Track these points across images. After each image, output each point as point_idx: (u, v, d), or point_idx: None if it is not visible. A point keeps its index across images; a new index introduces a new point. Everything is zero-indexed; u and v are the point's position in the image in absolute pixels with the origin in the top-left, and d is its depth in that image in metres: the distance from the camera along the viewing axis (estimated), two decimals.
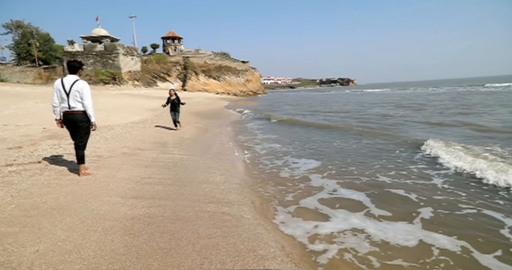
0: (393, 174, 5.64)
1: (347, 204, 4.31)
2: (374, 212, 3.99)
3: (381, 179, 5.37)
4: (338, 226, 3.61)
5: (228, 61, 65.42)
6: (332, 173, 5.80)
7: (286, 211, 4.08)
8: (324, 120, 14.54)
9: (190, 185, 4.71)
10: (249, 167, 6.41)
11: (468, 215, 3.86)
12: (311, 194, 4.72)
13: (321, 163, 6.52)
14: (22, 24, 52.21)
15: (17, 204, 3.23)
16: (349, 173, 5.79)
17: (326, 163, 6.55)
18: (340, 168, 6.14)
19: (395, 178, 5.40)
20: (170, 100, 10.48)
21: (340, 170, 5.97)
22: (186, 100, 12.38)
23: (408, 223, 3.67)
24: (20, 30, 52.00)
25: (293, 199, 4.51)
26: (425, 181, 5.18)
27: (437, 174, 5.53)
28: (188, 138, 9.11)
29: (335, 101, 32.78)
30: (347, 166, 6.23)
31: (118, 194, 3.92)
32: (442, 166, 5.98)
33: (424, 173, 5.63)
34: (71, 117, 4.33)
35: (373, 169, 5.98)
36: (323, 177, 5.57)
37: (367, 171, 5.84)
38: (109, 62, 41.93)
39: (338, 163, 6.53)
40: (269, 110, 22.71)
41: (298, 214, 3.97)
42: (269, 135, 10.90)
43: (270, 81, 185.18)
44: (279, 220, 3.76)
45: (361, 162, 6.56)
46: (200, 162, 6.30)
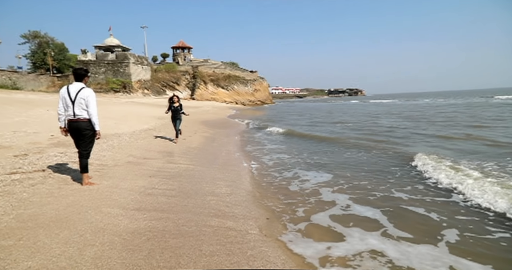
0: (409, 189, 5.38)
1: (362, 222, 4.06)
2: (393, 232, 3.72)
3: (396, 194, 5.12)
4: (354, 247, 3.34)
5: (237, 71, 66.00)
6: (343, 187, 5.57)
7: (295, 227, 3.87)
8: (331, 132, 14.31)
9: (195, 196, 4.56)
10: (256, 178, 6.24)
11: (501, 240, 3.54)
12: (322, 209, 4.50)
13: (332, 176, 6.29)
14: (39, 34, 53.91)
15: (15, 215, 3.13)
16: (361, 187, 5.55)
17: (337, 176, 6.32)
18: (351, 181, 5.91)
19: (412, 193, 5.14)
20: (172, 107, 9.60)
21: (352, 184, 5.73)
22: (194, 109, 12.35)
23: (432, 247, 3.37)
24: (36, 40, 53.70)
25: (303, 215, 4.28)
26: (445, 198, 4.90)
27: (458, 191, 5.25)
28: (194, 147, 9.01)
29: (343, 112, 32.49)
30: (359, 180, 5.99)
31: (120, 205, 3.80)
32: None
33: (443, 189, 5.36)
34: (75, 125, 4.26)
35: (387, 183, 5.73)
36: (334, 191, 5.35)
37: (381, 186, 5.59)
38: (120, 71, 42.72)
39: (349, 176, 6.30)
40: (275, 121, 22.59)
41: (308, 232, 3.75)
42: (277, 145, 10.74)
43: (279, 91, 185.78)
44: (287, 238, 3.55)
45: (373, 175, 6.31)
46: (205, 172, 6.16)
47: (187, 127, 14.79)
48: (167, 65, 56.26)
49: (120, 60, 42.87)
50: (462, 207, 4.53)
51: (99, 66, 42.59)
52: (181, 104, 9.80)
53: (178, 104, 9.68)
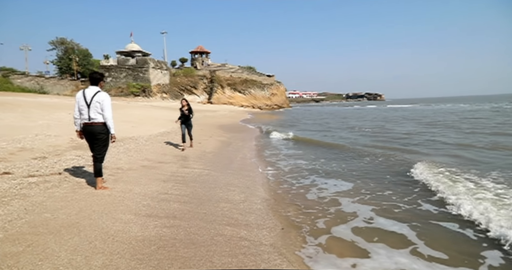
0: (438, 201, 5.01)
1: (388, 237, 3.75)
2: (424, 251, 3.38)
3: (424, 207, 4.77)
4: (382, 266, 3.05)
5: (254, 75, 66.19)
6: (365, 197, 5.27)
7: (315, 241, 3.63)
8: (346, 139, 13.90)
9: (208, 203, 4.44)
10: (272, 185, 6.06)
11: None
12: (344, 221, 4.24)
13: (352, 185, 6.00)
14: (65, 41, 56.43)
15: (28, 220, 3.11)
16: (385, 198, 5.21)
17: (358, 185, 6.02)
18: (374, 191, 5.58)
19: (441, 206, 4.77)
20: (181, 112, 9.01)
21: (375, 194, 5.40)
22: (211, 113, 12.35)
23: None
24: (63, 47, 56.21)
25: (323, 227, 4.03)
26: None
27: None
28: (210, 152, 8.95)
29: (361, 117, 31.76)
30: (382, 189, 5.66)
31: (132, 211, 3.73)
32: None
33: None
34: (90, 129, 4.27)
35: (414, 194, 5.39)
36: (354, 201, 5.07)
37: (407, 197, 5.25)
38: (140, 75, 43.84)
39: (372, 185, 5.98)
40: (289, 126, 22.34)
41: (329, 246, 3.50)
42: (293, 150, 10.51)
43: (295, 95, 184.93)
44: (306, 253, 3.33)
45: (398, 185, 5.96)
46: (219, 178, 6.05)
47: (203, 130, 14.84)
48: (185, 69, 57.26)
49: (140, 65, 44.02)
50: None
51: (120, 71, 43.90)
52: (191, 108, 9.12)
53: (187, 108, 8.97)
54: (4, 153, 5.82)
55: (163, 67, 48.69)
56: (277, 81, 72.13)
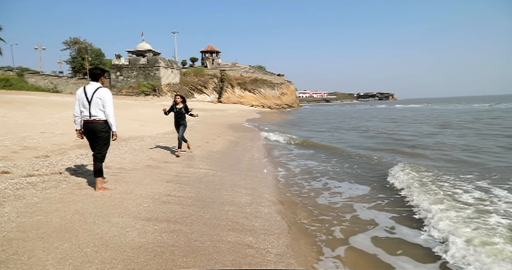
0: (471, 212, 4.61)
1: (412, 249, 3.41)
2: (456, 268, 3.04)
3: None
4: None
5: (264, 74, 65.85)
6: (382, 203, 4.92)
7: (331, 252, 3.32)
8: (353, 142, 13.45)
9: (212, 206, 4.19)
10: (281, 187, 5.77)
11: None
12: (362, 229, 3.91)
13: (369, 189, 5.65)
14: (78, 41, 57.35)
15: (18, 223, 2.92)
16: (406, 205, 4.85)
17: (374, 188, 5.66)
18: (391, 194, 5.22)
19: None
20: (174, 109, 7.53)
21: (394, 199, 5.04)
22: (220, 112, 12.09)
23: None
24: (76, 46, 57.16)
25: (340, 236, 3.71)
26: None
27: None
28: (217, 151, 8.72)
29: (373, 116, 31.06)
30: (402, 196, 5.18)
31: (130, 214, 3.51)
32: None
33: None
34: (91, 127, 4.08)
35: None
36: (370, 207, 4.73)
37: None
38: (151, 74, 44.12)
39: (388, 189, 5.61)
40: (296, 126, 21.95)
41: (349, 259, 3.17)
42: (303, 150, 10.18)
43: (306, 95, 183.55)
44: (323, 266, 3.03)
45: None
46: (226, 178, 5.80)
47: (211, 129, 14.64)
48: (195, 69, 57.39)
49: (151, 64, 44.31)
50: None
51: (131, 70, 44.30)
52: (187, 105, 7.78)
53: (183, 105, 7.62)
54: (7, 151, 5.71)
55: (173, 66, 48.89)
56: (288, 81, 71.60)
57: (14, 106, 12.03)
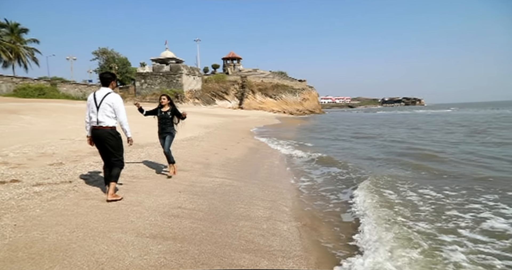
0: None
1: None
2: None
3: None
4: None
5: (285, 80, 65.43)
6: (424, 215, 4.32)
7: None
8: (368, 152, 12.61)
9: (225, 221, 3.80)
10: (303, 200, 5.28)
11: None
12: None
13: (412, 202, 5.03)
14: (106, 51, 60.01)
15: (12, 240, 2.68)
16: (455, 224, 4.16)
17: (415, 205, 4.98)
18: (440, 212, 4.52)
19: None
20: (159, 113, 5.83)
21: (442, 218, 4.36)
22: (241, 118, 11.78)
23: None
24: (104, 56, 59.80)
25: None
26: None
27: None
28: (235, 159, 8.37)
29: (394, 122, 29.63)
30: (453, 216, 4.33)
31: (135, 229, 3.20)
32: None
33: None
34: (98, 133, 3.90)
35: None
36: (410, 225, 4.11)
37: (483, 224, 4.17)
38: (173, 82, 45.04)
39: (429, 209, 4.92)
40: (313, 133, 21.22)
41: None
42: (325, 157, 9.59)
43: (328, 101, 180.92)
44: None
45: (468, 209, 4.82)
46: (242, 189, 5.40)
47: (230, 136, 14.39)
48: (217, 75, 58.06)
49: (173, 72, 45.26)
50: None
51: (155, 77, 45.46)
52: (175, 109, 5.95)
53: (169, 108, 5.84)
54: (24, 158, 5.67)
55: (195, 73, 49.68)
56: (309, 86, 70.70)
57: (40, 114, 12.40)
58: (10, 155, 5.82)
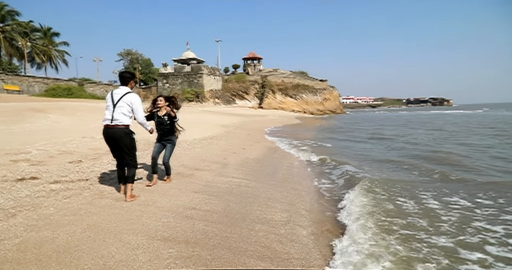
0: None
1: None
2: None
3: None
4: None
5: (306, 80, 64.60)
6: (449, 227, 3.94)
7: None
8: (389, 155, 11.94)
9: (241, 224, 3.61)
10: (323, 203, 5.00)
11: None
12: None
13: (438, 205, 4.65)
14: (131, 52, 61.94)
15: (22, 239, 2.62)
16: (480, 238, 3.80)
17: (437, 215, 4.62)
18: (469, 220, 4.16)
19: None
20: (156, 117, 4.87)
21: (467, 231, 4.01)
22: (260, 118, 11.67)
23: None
24: (129, 57, 61.72)
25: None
26: None
27: None
28: (253, 158, 8.18)
29: (421, 123, 28.29)
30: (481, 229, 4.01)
31: (147, 231, 3.07)
32: None
33: None
34: (112, 133, 3.81)
35: None
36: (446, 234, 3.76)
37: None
38: (194, 81, 45.65)
39: (456, 214, 4.55)
40: (337, 132, 20.60)
41: None
42: (344, 158, 9.18)
43: (350, 101, 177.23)
44: None
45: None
46: (260, 190, 5.20)
47: (249, 135, 14.24)
48: (237, 75, 58.28)
49: (194, 72, 45.88)
50: None
51: (177, 77, 46.29)
52: (174, 116, 4.95)
53: (166, 112, 4.89)
54: (45, 155, 5.77)
55: (216, 73, 50.11)
56: (330, 86, 69.39)
57: (65, 112, 12.82)
58: (33, 152, 5.95)
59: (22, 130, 8.66)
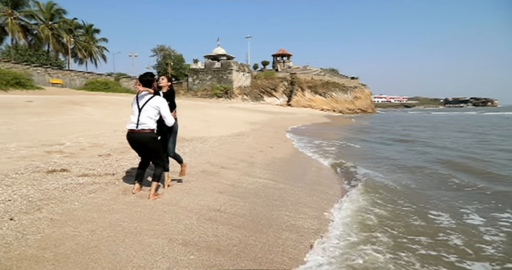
0: None
1: None
2: None
3: None
4: None
5: (336, 77, 62.85)
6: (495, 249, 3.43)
7: None
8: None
9: (267, 230, 3.36)
10: (359, 213, 4.60)
11: None
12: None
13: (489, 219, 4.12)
14: (164, 48, 63.73)
15: (44, 235, 2.56)
16: None
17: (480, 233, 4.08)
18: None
19: None
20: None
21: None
22: (289, 115, 11.50)
23: None
24: (162, 53, 63.57)
25: None
26: None
27: None
28: (280, 158, 7.90)
29: (458, 125, 26.24)
30: None
31: (168, 233, 2.92)
32: None
33: None
34: (138, 138, 3.68)
35: None
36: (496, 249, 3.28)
37: None
38: (224, 78, 46.01)
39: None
40: (366, 132, 19.59)
41: None
42: (374, 163, 8.60)
43: (382, 100, 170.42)
44: None
45: None
46: (288, 193, 4.92)
47: (277, 133, 13.95)
48: (266, 72, 57.97)
49: (224, 68, 46.23)
50: None
51: (207, 73, 46.92)
52: (173, 90, 4.45)
53: (169, 89, 4.32)
54: (77, 148, 5.89)
55: (245, 70, 50.17)
56: (362, 84, 66.96)
57: (100, 106, 13.30)
58: (66, 144, 6.11)
59: (60, 122, 9.03)
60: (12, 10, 33.49)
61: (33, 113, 9.72)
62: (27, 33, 36.27)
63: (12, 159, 4.70)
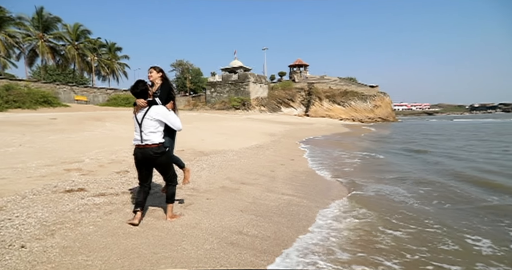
0: None
1: None
2: None
3: None
4: None
5: (355, 86, 61.86)
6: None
7: None
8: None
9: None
10: (388, 235, 4.19)
11: None
12: None
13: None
14: (182, 63, 65.54)
15: (54, 266, 2.37)
16: None
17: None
18: None
19: None
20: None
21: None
22: (307, 126, 11.08)
23: None
24: (180, 67, 65.34)
25: None
26: None
27: None
28: (303, 171, 7.54)
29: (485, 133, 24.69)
30: None
31: (186, 261, 2.66)
32: None
33: None
34: (145, 153, 3.39)
35: None
36: None
37: None
38: (241, 89, 46.34)
39: None
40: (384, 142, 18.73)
41: None
42: (401, 175, 8.03)
43: (403, 108, 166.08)
44: None
45: None
46: (313, 210, 4.57)
47: (297, 145, 13.57)
48: (283, 82, 57.94)
49: (241, 80, 46.62)
50: None
51: (224, 86, 47.46)
52: (171, 87, 3.93)
53: (161, 85, 3.80)
54: (96, 165, 5.83)
55: (262, 81, 50.37)
56: (381, 92, 65.47)
57: (120, 121, 13.50)
58: (85, 161, 6.07)
59: (81, 138, 9.15)
60: (43, 33, 35.61)
61: (55, 130, 9.93)
62: (55, 54, 38.32)
63: (32, 178, 4.65)
